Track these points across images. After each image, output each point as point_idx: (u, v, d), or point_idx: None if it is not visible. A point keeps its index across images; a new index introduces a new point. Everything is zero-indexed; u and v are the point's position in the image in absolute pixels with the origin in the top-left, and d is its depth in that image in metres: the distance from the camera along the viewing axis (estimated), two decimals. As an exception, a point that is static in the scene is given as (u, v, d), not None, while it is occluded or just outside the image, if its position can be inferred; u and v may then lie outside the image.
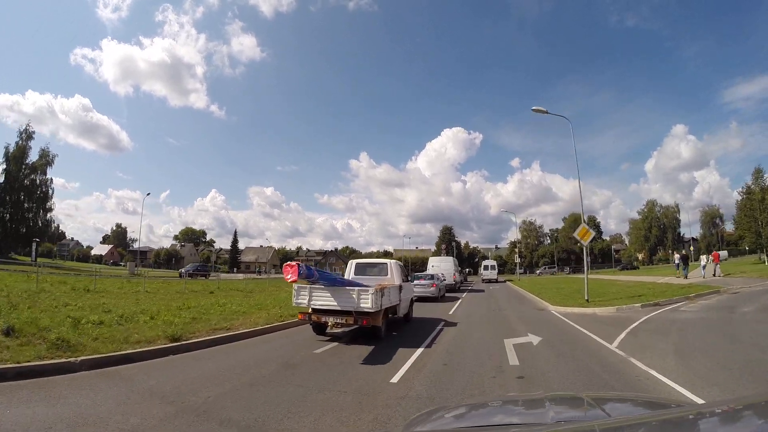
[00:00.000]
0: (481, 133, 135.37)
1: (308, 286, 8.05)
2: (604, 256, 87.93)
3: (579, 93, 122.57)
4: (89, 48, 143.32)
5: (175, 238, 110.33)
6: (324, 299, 8.02)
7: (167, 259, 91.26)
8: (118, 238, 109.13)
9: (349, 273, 10.48)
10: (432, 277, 18.35)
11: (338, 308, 7.84)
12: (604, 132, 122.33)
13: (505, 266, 73.51)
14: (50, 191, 49.95)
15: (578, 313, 11.95)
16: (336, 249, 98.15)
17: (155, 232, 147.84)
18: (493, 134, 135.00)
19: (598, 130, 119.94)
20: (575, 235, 13.78)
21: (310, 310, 8.25)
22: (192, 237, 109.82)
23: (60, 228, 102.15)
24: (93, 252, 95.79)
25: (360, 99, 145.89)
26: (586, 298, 13.62)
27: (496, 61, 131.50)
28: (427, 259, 51.94)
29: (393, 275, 10.01)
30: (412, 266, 61.90)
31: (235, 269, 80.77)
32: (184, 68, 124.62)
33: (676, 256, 29.53)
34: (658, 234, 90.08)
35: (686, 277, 23.77)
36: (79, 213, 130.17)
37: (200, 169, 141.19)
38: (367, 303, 7.53)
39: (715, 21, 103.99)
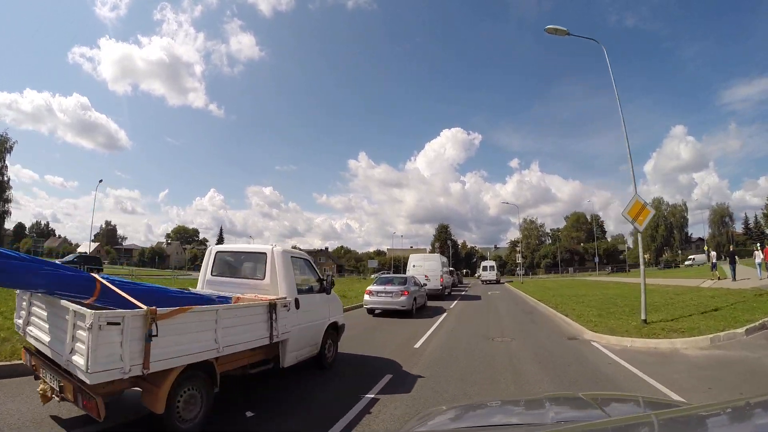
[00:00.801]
0: (480, 134, 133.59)
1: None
2: (609, 257, 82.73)
3: (578, 93, 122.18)
4: (87, 46, 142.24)
5: (168, 236, 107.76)
6: (39, 327, 3.33)
7: (152, 258, 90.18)
8: (107, 236, 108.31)
9: (205, 272, 5.23)
10: (405, 281, 12.69)
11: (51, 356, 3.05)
12: (603, 133, 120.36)
13: (505, 267, 68.43)
14: (6, 179, 46.01)
15: (646, 351, 6.57)
16: (326, 248, 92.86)
17: (154, 231, 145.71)
18: (492, 135, 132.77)
19: (596, 130, 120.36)
20: (625, 214, 8.50)
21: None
22: (185, 236, 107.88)
23: (50, 225, 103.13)
24: (78, 250, 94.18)
25: (359, 98, 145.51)
26: (643, 317, 8.31)
27: (495, 61, 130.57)
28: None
29: (276, 279, 4.68)
30: (404, 267, 56.61)
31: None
32: (183, 67, 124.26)
33: (713, 254, 24.90)
34: (665, 233, 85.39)
35: (734, 278, 18.89)
36: (78, 212, 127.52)
37: (199, 168, 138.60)
38: (80, 358, 2.48)
39: (714, 22, 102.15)
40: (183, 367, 3.03)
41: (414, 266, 18.50)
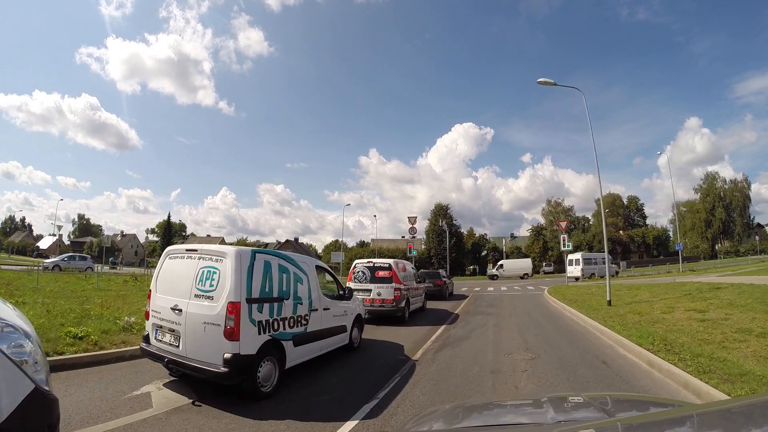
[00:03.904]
0: (492, 129, 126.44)
1: None
2: (660, 246, 64.75)
3: (590, 88, 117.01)
4: (94, 46, 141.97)
5: (152, 231, 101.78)
6: None
7: (101, 252, 79.33)
8: (81, 230, 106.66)
9: None
10: None
11: None
12: (616, 127, 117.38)
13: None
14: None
15: None
16: (296, 239, 76.94)
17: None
18: (504, 130, 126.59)
19: (609, 125, 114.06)
20: None
21: None
22: (171, 230, 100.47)
23: (26, 221, 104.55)
24: (37, 244, 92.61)
25: (369, 94, 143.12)
26: None
27: (506, 56, 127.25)
28: (405, 251, 33.59)
29: None
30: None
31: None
32: (191, 64, 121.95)
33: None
34: (723, 217, 66.18)
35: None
36: (91, 212, 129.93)
37: (210, 167, 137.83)
38: None
39: (725, 15, 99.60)
40: None
41: None
